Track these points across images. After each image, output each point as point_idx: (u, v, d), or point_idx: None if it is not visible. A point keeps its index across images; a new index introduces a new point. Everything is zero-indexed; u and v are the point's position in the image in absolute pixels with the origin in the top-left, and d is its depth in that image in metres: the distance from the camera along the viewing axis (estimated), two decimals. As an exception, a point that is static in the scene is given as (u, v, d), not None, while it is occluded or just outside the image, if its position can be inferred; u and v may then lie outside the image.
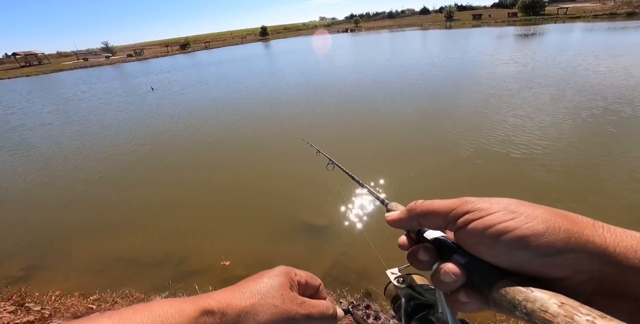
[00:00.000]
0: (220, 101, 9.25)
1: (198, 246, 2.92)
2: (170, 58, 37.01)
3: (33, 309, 2.11)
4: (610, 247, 0.20)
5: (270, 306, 0.32)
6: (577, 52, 11.19)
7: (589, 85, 6.57)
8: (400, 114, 6.19)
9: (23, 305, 2.17)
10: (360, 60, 15.97)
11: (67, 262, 2.91)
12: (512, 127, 4.77)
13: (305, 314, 0.33)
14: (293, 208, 3.41)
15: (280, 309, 0.32)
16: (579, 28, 23.71)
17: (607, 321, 0.16)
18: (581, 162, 3.65)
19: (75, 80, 22.12)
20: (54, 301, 2.24)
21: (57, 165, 5.34)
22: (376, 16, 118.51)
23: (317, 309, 0.34)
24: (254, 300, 0.32)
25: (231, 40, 65.38)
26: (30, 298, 2.31)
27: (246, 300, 0.32)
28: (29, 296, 2.34)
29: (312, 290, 0.39)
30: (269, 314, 0.31)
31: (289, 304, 0.33)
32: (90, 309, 2.13)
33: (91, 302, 2.25)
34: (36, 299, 2.29)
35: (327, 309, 0.36)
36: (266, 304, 0.32)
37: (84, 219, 3.60)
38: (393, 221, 0.32)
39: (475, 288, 0.24)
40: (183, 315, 0.27)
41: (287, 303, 0.33)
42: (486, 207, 0.24)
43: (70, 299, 2.28)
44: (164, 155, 5.33)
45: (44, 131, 7.89)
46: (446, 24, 48.81)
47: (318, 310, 0.34)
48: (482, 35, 24.60)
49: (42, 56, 50.78)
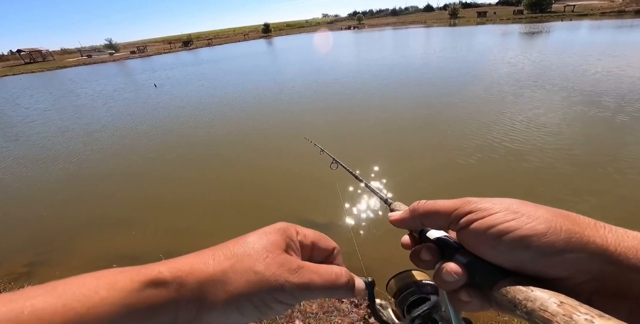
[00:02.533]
0: (222, 99, 9.23)
1: (200, 244, 2.89)
2: (173, 55, 37.02)
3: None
4: (612, 247, 0.20)
5: (247, 272, 0.24)
6: (588, 52, 11.01)
7: (599, 85, 6.47)
8: (404, 112, 6.13)
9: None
10: (363, 59, 15.85)
11: (69, 259, 2.93)
12: (518, 126, 4.72)
13: (302, 284, 0.24)
14: (294, 206, 3.40)
15: (263, 275, 0.24)
16: (587, 26, 23.35)
17: (605, 320, 0.17)
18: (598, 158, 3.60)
19: (82, 76, 22.20)
20: (57, 298, 2.25)
21: (59, 161, 5.37)
22: (379, 13, 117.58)
23: (322, 277, 0.25)
24: (226, 264, 0.24)
25: (234, 37, 65.24)
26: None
27: (216, 265, 0.24)
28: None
29: (323, 255, 0.31)
30: (244, 282, 0.23)
31: (277, 270, 0.24)
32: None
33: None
34: (39, 295, 2.30)
35: (338, 277, 0.26)
36: (242, 270, 0.24)
37: (86, 216, 3.62)
38: (396, 221, 0.31)
39: (477, 287, 0.25)
40: (114, 288, 0.21)
41: (274, 267, 0.24)
42: (488, 207, 0.24)
43: (72, 296, 2.29)
44: (167, 152, 5.32)
45: (42, 128, 7.93)
46: (450, 22, 48.33)
47: (323, 278, 0.25)
48: (486, 33, 24.32)
49: (47, 53, 51.07)
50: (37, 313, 0.18)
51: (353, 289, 0.27)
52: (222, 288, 0.23)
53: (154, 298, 0.22)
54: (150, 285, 0.22)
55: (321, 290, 0.25)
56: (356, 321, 1.84)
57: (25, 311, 0.18)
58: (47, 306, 0.18)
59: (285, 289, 0.24)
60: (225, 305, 0.23)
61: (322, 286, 0.25)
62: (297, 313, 1.91)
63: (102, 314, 0.19)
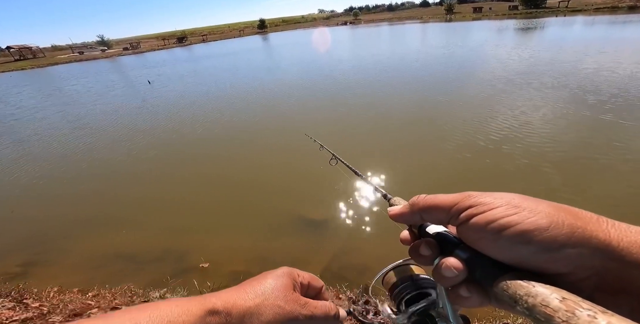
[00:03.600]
0: (220, 96, 9.15)
1: (197, 242, 2.91)
2: (167, 51, 36.50)
3: (31, 305, 2.10)
4: (614, 242, 0.20)
5: (274, 306, 0.32)
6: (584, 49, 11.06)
7: (592, 81, 6.52)
8: (403, 108, 6.13)
9: (21, 301, 2.16)
10: (360, 55, 15.77)
11: (65, 258, 2.90)
12: (518, 121, 4.74)
13: (309, 315, 0.33)
14: (292, 203, 3.39)
15: (284, 310, 0.32)
16: (581, 22, 23.45)
17: (608, 316, 0.16)
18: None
19: (73, 73, 21.80)
20: (53, 298, 2.23)
21: (55, 159, 5.29)
22: (376, 9, 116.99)
23: (320, 310, 0.35)
24: (258, 301, 0.32)
25: (229, 33, 64.46)
26: (29, 294, 2.30)
27: (251, 300, 0.32)
28: (27, 292, 2.33)
29: (315, 291, 0.40)
30: (273, 314, 0.32)
31: (293, 305, 0.33)
32: (88, 305, 2.12)
33: (90, 298, 2.24)
34: (34, 295, 2.28)
35: (330, 310, 0.36)
36: (270, 305, 0.32)
37: (81, 215, 3.58)
38: (395, 216, 0.32)
39: (477, 282, 0.24)
40: (190, 314, 0.28)
41: (291, 303, 0.33)
42: (489, 202, 0.24)
43: (68, 296, 2.27)
44: (163, 150, 5.28)
45: (37, 127, 7.79)
46: (446, 17, 48.27)
47: (321, 311, 0.35)
48: (482, 28, 24.32)
49: (37, 49, 50.02)
50: None
51: (339, 317, 0.38)
52: (257, 318, 0.31)
53: (212, 323, 0.29)
54: (210, 313, 0.29)
55: (320, 319, 0.35)
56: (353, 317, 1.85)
57: None
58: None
59: (299, 319, 0.33)
60: None
61: (321, 316, 0.35)
62: None
63: None
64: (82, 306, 2.10)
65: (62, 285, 2.44)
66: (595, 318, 0.16)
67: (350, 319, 0.40)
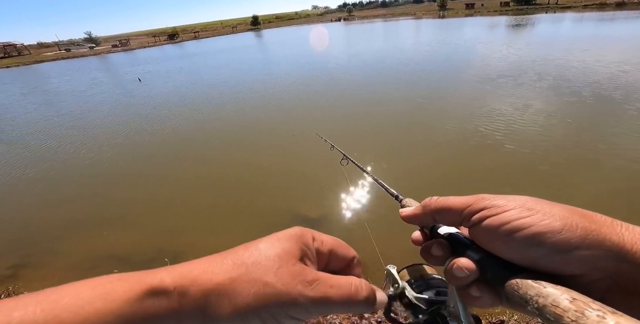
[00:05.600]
0: (216, 94, 9.02)
1: (192, 242, 2.88)
2: (158, 48, 35.82)
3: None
4: (628, 245, 0.20)
5: (257, 282, 0.22)
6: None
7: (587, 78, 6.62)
8: (410, 105, 6.07)
9: (11, 305, 2.11)
10: (355, 52, 15.71)
11: (55, 260, 2.84)
12: (526, 118, 4.80)
13: (317, 298, 0.22)
14: (293, 202, 3.35)
15: (274, 288, 0.22)
16: (570, 18, 23.78)
17: (617, 317, 0.17)
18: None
19: (60, 71, 21.27)
20: (44, 300, 2.19)
21: (44, 160, 5.16)
22: (369, 5, 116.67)
23: (340, 291, 0.23)
24: (234, 274, 0.22)
25: (222, 30, 63.58)
26: (19, 297, 2.25)
27: (224, 274, 0.22)
28: (17, 295, 2.28)
29: (341, 264, 0.29)
30: (254, 294, 0.21)
31: (290, 281, 0.22)
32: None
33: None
34: (25, 298, 2.23)
35: (358, 291, 0.24)
36: (252, 280, 0.22)
37: (71, 216, 3.50)
38: (407, 217, 0.31)
39: (488, 283, 0.25)
40: (111, 299, 0.19)
41: (287, 279, 0.22)
42: (502, 204, 0.24)
43: (60, 298, 2.23)
44: (156, 150, 5.20)
45: (28, 127, 7.59)
46: (439, 13, 48.43)
47: (340, 293, 0.23)
48: (476, 25, 24.46)
49: (22, 47, 48.71)
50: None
51: (374, 304, 0.25)
52: (228, 300, 0.21)
53: (154, 308, 0.20)
54: (150, 294, 0.20)
55: (339, 305, 0.23)
56: (352, 315, 1.84)
57: (13, 322, 0.17)
58: (36, 318, 0.18)
59: (299, 304, 0.22)
60: (230, 319, 0.21)
61: (340, 300, 0.23)
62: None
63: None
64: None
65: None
66: (604, 318, 0.16)
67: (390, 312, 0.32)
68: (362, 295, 0.24)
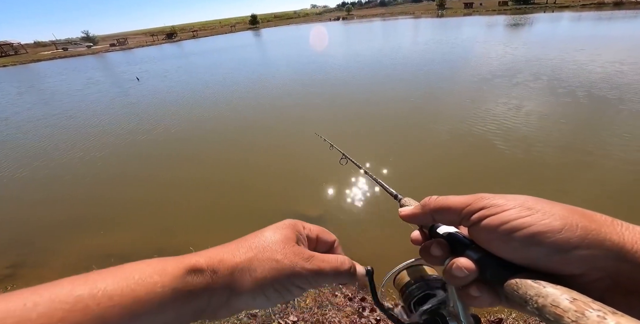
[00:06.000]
0: (215, 93, 9.00)
1: (191, 241, 2.88)
2: (156, 47, 35.69)
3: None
4: (628, 245, 0.20)
5: (269, 260, 0.28)
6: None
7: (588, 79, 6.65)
8: (408, 105, 6.08)
9: (10, 304, 2.11)
10: (356, 51, 15.70)
11: (54, 259, 2.83)
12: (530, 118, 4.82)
13: (314, 270, 0.29)
14: (291, 201, 3.35)
15: (283, 263, 0.28)
16: (568, 18, 23.82)
17: (618, 317, 0.17)
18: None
19: (56, 70, 21.13)
20: (43, 300, 2.19)
21: (40, 159, 5.14)
22: (368, 4, 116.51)
23: (330, 264, 0.30)
24: (250, 254, 0.28)
25: (220, 29, 63.40)
26: (17, 296, 2.25)
27: (242, 255, 0.28)
28: (15, 294, 2.28)
29: (325, 247, 0.35)
30: (268, 269, 0.27)
31: (294, 258, 0.28)
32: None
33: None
34: (23, 297, 2.23)
35: (342, 263, 0.31)
36: (265, 259, 0.28)
37: (69, 215, 3.49)
38: (407, 216, 0.31)
39: (487, 282, 0.25)
40: (165, 274, 0.24)
41: (291, 256, 0.28)
42: (502, 203, 0.24)
43: (59, 297, 2.23)
44: (153, 149, 5.18)
45: (22, 126, 7.55)
46: (438, 13, 48.45)
47: (330, 265, 0.30)
48: (474, 24, 24.47)
49: (19, 46, 48.44)
50: (108, 294, 0.22)
51: (355, 275, 0.32)
52: (248, 275, 0.27)
53: (194, 283, 0.25)
54: (191, 272, 0.25)
55: (329, 275, 0.29)
56: (350, 314, 1.86)
57: (99, 292, 0.22)
58: (116, 288, 0.22)
59: (302, 275, 0.28)
60: (252, 289, 0.27)
61: (330, 271, 0.29)
62: (291, 309, 1.92)
63: (156, 296, 0.23)
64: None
65: (52, 287, 2.39)
66: (605, 319, 0.16)
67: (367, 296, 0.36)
68: (346, 267, 0.31)
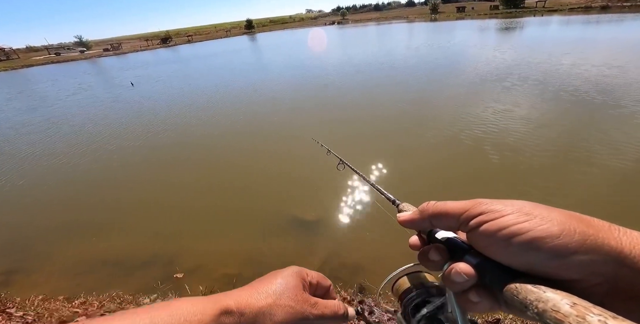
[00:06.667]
0: (211, 97, 9.00)
1: (187, 247, 2.88)
2: (150, 52, 35.64)
3: (15, 315, 2.04)
4: (626, 250, 0.21)
5: (285, 306, 0.32)
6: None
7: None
8: (404, 110, 6.13)
9: (4, 311, 2.09)
10: (351, 56, 15.84)
11: (48, 265, 2.81)
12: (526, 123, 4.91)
13: (319, 315, 0.34)
14: (289, 206, 3.32)
15: (295, 309, 0.33)
16: (557, 21, 24.38)
17: (619, 322, 0.17)
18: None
19: (50, 76, 20.94)
20: (37, 306, 2.17)
21: (34, 164, 5.10)
22: (363, 8, 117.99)
23: (330, 309, 0.36)
24: (270, 300, 0.32)
25: (215, 34, 63.54)
26: (12, 303, 2.23)
27: (263, 300, 0.32)
28: (9, 301, 2.25)
29: (323, 290, 0.40)
30: (285, 314, 0.32)
31: (303, 305, 0.33)
32: (75, 313, 2.08)
33: (77, 306, 2.19)
34: (18, 304, 2.21)
35: (339, 309, 0.37)
36: (282, 305, 0.32)
37: (63, 220, 3.46)
38: (405, 222, 0.32)
39: (487, 288, 0.25)
40: (205, 314, 0.28)
41: (301, 303, 0.34)
42: (500, 209, 0.24)
43: (54, 304, 2.22)
44: (150, 154, 5.17)
45: (17, 132, 7.48)
46: (431, 17, 49.23)
47: (330, 310, 0.36)
48: (466, 28, 24.89)
49: (10, 51, 47.93)
50: None
51: (347, 316, 0.39)
52: (269, 318, 0.31)
53: (225, 323, 0.29)
54: (224, 313, 0.30)
55: (329, 318, 0.35)
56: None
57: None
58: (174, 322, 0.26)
59: (310, 318, 0.33)
60: None
61: (330, 315, 0.35)
62: None
63: None
64: (69, 315, 2.05)
65: (46, 293, 2.38)
66: (606, 323, 0.16)
67: (359, 319, 0.42)
68: (341, 312, 0.37)
